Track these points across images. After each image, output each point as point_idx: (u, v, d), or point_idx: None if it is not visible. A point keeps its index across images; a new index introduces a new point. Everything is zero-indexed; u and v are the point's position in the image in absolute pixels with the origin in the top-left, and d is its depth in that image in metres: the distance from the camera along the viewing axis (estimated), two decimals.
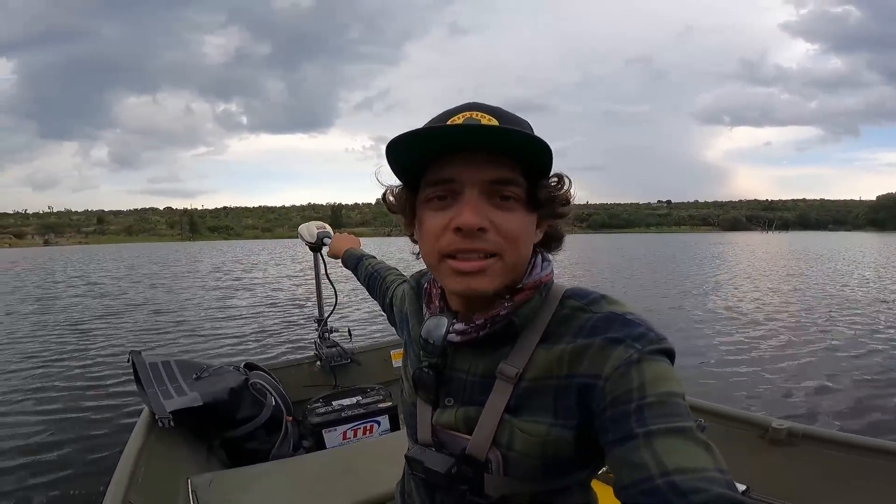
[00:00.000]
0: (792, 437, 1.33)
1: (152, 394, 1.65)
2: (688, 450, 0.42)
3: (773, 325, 6.50)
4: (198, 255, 31.53)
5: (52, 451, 2.80)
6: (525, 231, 0.55)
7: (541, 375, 0.55)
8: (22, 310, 8.61)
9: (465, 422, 0.59)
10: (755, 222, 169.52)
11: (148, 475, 1.29)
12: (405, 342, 0.75)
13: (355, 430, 1.89)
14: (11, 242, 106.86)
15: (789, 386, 4.02)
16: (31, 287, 12.89)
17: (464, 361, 0.61)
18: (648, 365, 0.48)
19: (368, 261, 1.10)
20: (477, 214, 0.51)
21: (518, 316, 0.57)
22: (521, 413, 0.56)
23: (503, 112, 0.56)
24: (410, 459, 0.63)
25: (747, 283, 11.83)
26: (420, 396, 0.65)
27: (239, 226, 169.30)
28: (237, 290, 11.00)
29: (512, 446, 0.55)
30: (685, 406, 0.46)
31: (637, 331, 0.51)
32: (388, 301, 0.93)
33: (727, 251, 29.66)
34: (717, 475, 0.40)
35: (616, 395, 0.48)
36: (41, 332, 6.55)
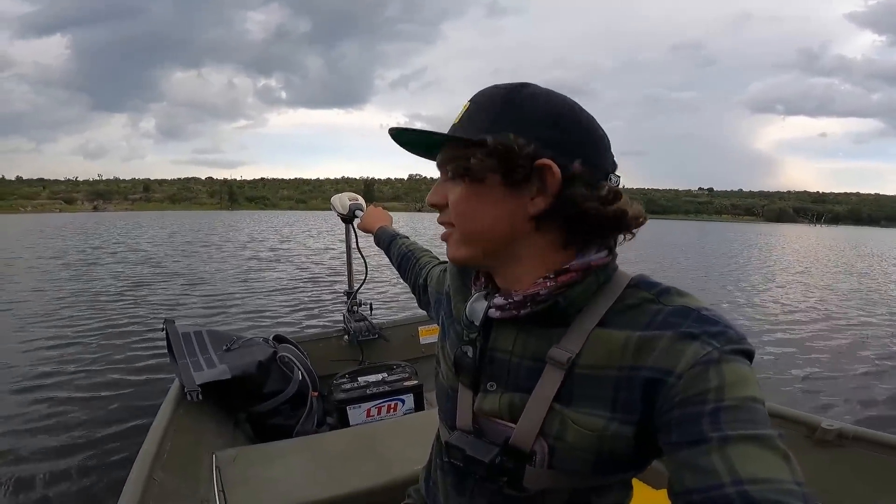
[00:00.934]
0: (842, 439, 1.26)
1: (183, 365, 1.69)
2: (765, 459, 0.40)
3: (828, 324, 6.18)
4: (236, 225, 32.36)
5: (83, 424, 2.83)
6: (466, 201, 0.56)
7: (598, 364, 0.51)
8: (63, 275, 8.83)
9: (509, 409, 0.56)
10: (803, 214, 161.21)
11: (174, 451, 1.32)
12: (443, 323, 0.73)
13: (379, 408, 1.89)
14: (62, 208, 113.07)
15: (846, 387, 3.82)
16: (74, 252, 13.24)
17: (506, 341, 0.57)
18: (728, 366, 0.45)
19: (402, 240, 1.07)
20: (435, 193, 0.60)
21: (565, 298, 0.53)
22: (573, 403, 0.52)
23: (481, 93, 0.58)
24: (450, 446, 0.60)
25: (796, 278, 11.28)
26: (461, 380, 0.62)
27: (275, 196, 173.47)
28: (272, 261, 11.19)
29: (563, 437, 0.52)
30: (765, 413, 0.43)
31: (716, 328, 0.47)
32: (421, 282, 0.91)
33: (772, 243, 28.26)
34: (794, 488, 0.38)
35: (689, 395, 0.45)
36: (79, 298, 6.69)
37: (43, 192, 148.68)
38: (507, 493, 0.57)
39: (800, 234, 48.71)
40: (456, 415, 0.63)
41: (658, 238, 27.92)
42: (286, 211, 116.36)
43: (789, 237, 39.10)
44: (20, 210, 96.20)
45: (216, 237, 19.97)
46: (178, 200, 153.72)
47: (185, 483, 1.25)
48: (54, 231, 24.07)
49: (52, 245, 15.59)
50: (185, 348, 1.79)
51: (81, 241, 17.46)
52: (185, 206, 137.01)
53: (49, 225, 30.79)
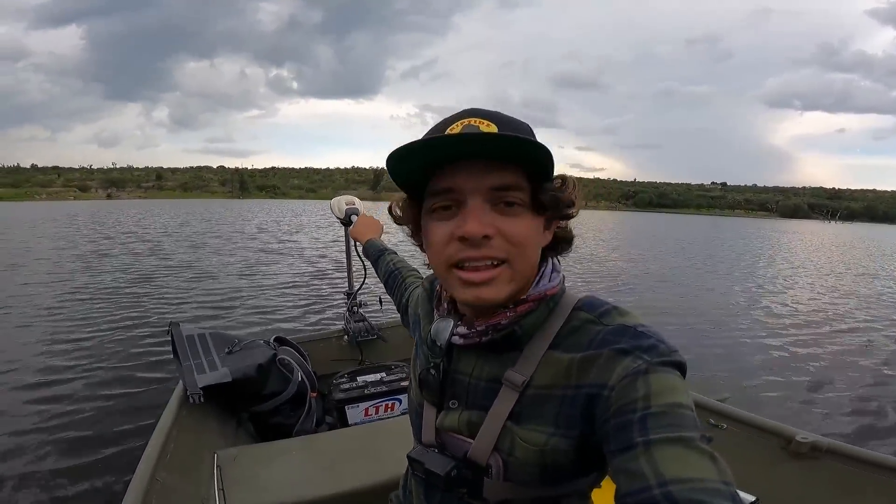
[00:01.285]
0: (815, 451, 1.28)
1: (187, 367, 1.75)
2: (689, 459, 0.41)
3: (832, 328, 6.02)
4: (246, 215, 32.29)
5: (90, 422, 2.86)
6: (532, 235, 0.55)
7: (547, 384, 0.55)
8: (71, 268, 8.82)
9: (468, 426, 0.60)
10: (818, 211, 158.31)
11: (177, 450, 1.36)
12: (416, 344, 0.76)
13: (377, 408, 1.95)
14: (76, 195, 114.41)
15: (838, 400, 3.71)
16: (84, 242, 13.24)
17: (468, 365, 0.62)
18: (656, 376, 0.48)
19: (390, 256, 1.09)
20: (480, 223, 0.52)
21: (521, 326, 0.57)
22: (523, 421, 0.56)
23: (502, 116, 0.56)
24: (412, 459, 0.65)
25: (806, 279, 10.99)
26: (425, 397, 0.66)
27: (285, 185, 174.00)
28: (280, 255, 11.19)
29: (513, 452, 0.56)
30: (692, 417, 0.45)
31: (647, 342, 0.50)
32: (404, 301, 0.94)
33: (785, 240, 27.75)
34: (719, 486, 0.39)
35: (621, 405, 0.47)
36: (87, 293, 6.65)
37: (58, 179, 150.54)
38: (468, 503, 0.61)
39: (813, 230, 47.32)
40: (422, 429, 0.67)
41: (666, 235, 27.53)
42: (296, 200, 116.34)
43: (803, 234, 38.38)
44: (35, 197, 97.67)
45: (227, 227, 20.10)
46: (190, 189, 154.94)
47: (187, 482, 1.29)
48: (67, 220, 24.21)
49: (63, 235, 15.71)
50: (189, 351, 1.85)
51: (93, 231, 17.58)
52: (197, 195, 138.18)
53: (62, 213, 30.99)
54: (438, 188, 0.55)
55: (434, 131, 0.56)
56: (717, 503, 0.38)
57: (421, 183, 0.57)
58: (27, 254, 11.01)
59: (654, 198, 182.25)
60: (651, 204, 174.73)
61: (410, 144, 0.51)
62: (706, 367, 4.17)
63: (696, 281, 9.66)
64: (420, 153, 0.53)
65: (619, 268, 11.07)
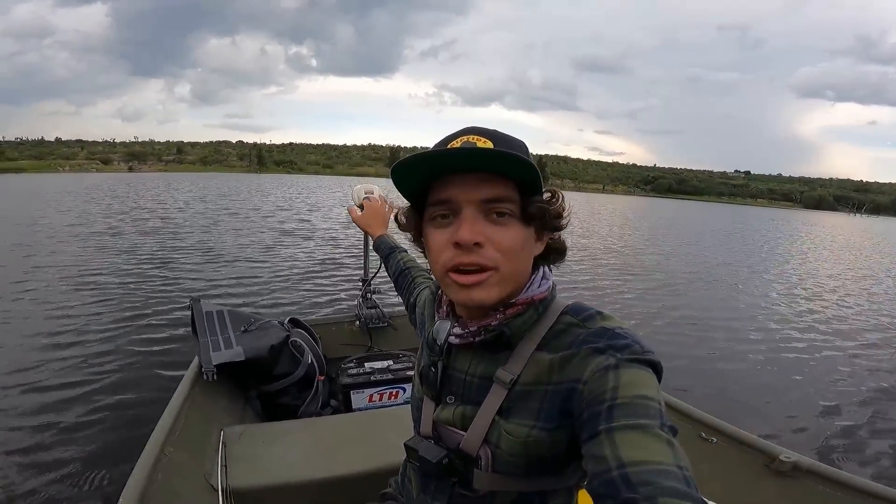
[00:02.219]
0: (795, 471, 1.31)
1: (204, 344, 1.83)
2: (646, 444, 0.44)
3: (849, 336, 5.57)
4: (264, 189, 32.23)
5: (102, 400, 2.89)
6: (520, 244, 0.59)
7: (532, 382, 0.60)
8: (90, 242, 8.79)
9: (461, 419, 0.66)
10: (843, 203, 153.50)
11: (186, 426, 1.41)
12: (422, 342, 0.80)
13: (381, 395, 2.00)
14: (99, 168, 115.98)
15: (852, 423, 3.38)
16: (99, 217, 13.09)
17: (463, 363, 0.67)
18: (625, 370, 0.51)
19: (400, 255, 1.13)
20: (472, 231, 0.57)
21: (510, 328, 0.62)
22: (509, 415, 0.61)
23: (499, 134, 0.61)
24: (408, 447, 0.71)
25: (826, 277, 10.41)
26: (425, 392, 0.72)
27: (302, 161, 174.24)
28: (297, 237, 11.12)
29: (500, 445, 0.61)
30: (656, 409, 0.48)
31: (621, 342, 0.55)
32: (412, 301, 0.98)
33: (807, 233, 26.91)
34: (672, 469, 0.42)
35: (592, 397, 0.51)
36: (104, 268, 6.68)
37: (81, 152, 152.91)
38: (460, 492, 0.67)
39: (834, 224, 45.46)
40: (421, 422, 0.73)
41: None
42: (312, 175, 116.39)
43: (827, 226, 37.03)
44: (59, 169, 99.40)
45: (244, 204, 20.13)
46: (209, 163, 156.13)
47: (193, 457, 1.33)
48: (86, 192, 24.12)
49: (81, 208, 15.66)
50: (208, 327, 1.92)
51: (117, 203, 17.70)
52: (216, 169, 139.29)
53: (83, 185, 31.19)
54: (437, 198, 0.60)
55: (437, 146, 0.61)
56: (669, 484, 0.40)
57: (423, 194, 0.63)
58: (47, 225, 11.14)
59: (674, 184, 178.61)
60: (671, 190, 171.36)
61: (415, 157, 0.57)
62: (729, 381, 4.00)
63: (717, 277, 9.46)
64: (422, 165, 0.58)
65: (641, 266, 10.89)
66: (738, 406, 3.50)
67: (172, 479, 1.19)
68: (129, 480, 1.08)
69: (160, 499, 1.10)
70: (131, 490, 1.05)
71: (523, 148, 0.62)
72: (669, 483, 0.40)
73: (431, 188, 0.61)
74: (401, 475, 0.88)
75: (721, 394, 3.72)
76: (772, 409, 3.54)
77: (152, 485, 1.11)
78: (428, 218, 0.63)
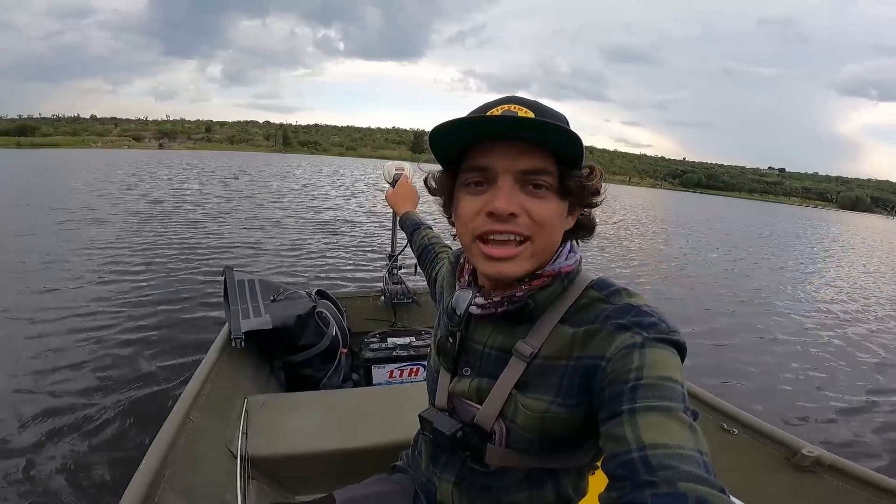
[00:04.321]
0: (817, 466, 1.28)
1: (234, 311, 1.87)
2: (667, 427, 0.43)
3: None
4: (294, 170, 32.20)
5: (132, 365, 2.94)
6: (555, 217, 0.58)
7: (552, 356, 0.59)
8: (118, 219, 8.68)
9: (477, 392, 0.65)
10: (881, 205, 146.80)
11: (212, 393, 1.45)
12: (439, 314, 0.81)
13: (402, 371, 2.02)
14: (130, 144, 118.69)
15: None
16: (127, 194, 12.83)
17: (482, 334, 0.66)
18: (651, 350, 0.50)
19: (425, 231, 1.13)
20: (509, 201, 0.55)
21: (534, 299, 0.61)
22: (527, 390, 0.60)
23: (540, 106, 0.59)
24: (422, 419, 0.70)
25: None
26: (441, 363, 0.71)
27: (326, 142, 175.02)
28: (330, 215, 11.17)
29: (515, 420, 0.60)
30: (680, 391, 0.47)
31: (648, 320, 0.54)
32: (434, 276, 0.98)
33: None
34: (692, 454, 0.41)
35: (615, 376, 0.50)
36: (136, 239, 6.83)
37: (115, 129, 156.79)
38: (471, 466, 0.66)
39: (868, 225, 43.34)
40: (436, 393, 0.72)
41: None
42: (335, 157, 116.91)
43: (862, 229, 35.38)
44: (91, 145, 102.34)
45: (273, 180, 20.32)
46: (237, 142, 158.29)
47: (216, 423, 1.38)
48: (110, 169, 23.94)
49: (118, 181, 16.01)
50: (239, 295, 1.97)
51: (155, 180, 17.89)
52: (242, 148, 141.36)
53: (112, 162, 31.57)
54: (474, 165, 0.59)
55: (476, 112, 0.60)
56: (688, 469, 0.39)
57: (458, 159, 0.62)
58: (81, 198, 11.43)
59: (703, 178, 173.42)
60: (700, 185, 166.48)
61: (455, 121, 0.55)
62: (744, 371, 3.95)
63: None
64: (461, 130, 0.57)
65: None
66: (761, 398, 3.42)
67: (195, 444, 1.22)
68: (153, 443, 1.11)
69: (181, 463, 1.13)
70: (154, 453, 1.08)
71: (564, 121, 0.59)
72: (689, 468, 0.39)
73: (467, 154, 0.60)
74: (412, 448, 0.89)
75: (744, 385, 3.65)
76: (796, 403, 3.45)
77: (174, 449, 1.14)
78: (461, 183, 0.61)
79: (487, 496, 0.66)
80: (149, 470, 1.03)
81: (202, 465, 1.21)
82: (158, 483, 1.03)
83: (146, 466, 1.04)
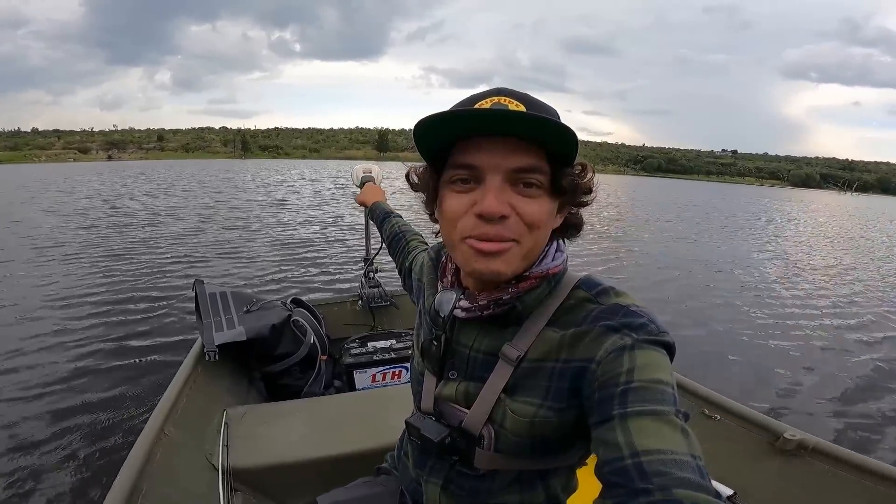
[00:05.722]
0: (800, 449, 1.29)
1: (207, 324, 1.82)
2: (660, 432, 0.43)
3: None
4: (254, 173, 31.40)
5: (103, 382, 2.89)
6: (546, 217, 0.56)
7: (540, 358, 0.57)
8: (75, 238, 8.34)
9: (464, 396, 0.63)
10: (830, 181, 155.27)
11: (188, 406, 1.41)
12: (419, 311, 0.78)
13: (384, 374, 2.00)
14: (76, 157, 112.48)
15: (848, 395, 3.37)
16: (76, 210, 12.68)
17: (468, 337, 0.64)
18: (641, 352, 0.49)
19: (395, 219, 1.12)
20: (499, 202, 0.52)
21: (521, 302, 0.59)
22: (516, 394, 0.59)
23: (531, 98, 0.56)
24: (409, 425, 0.68)
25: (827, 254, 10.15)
26: (427, 367, 0.69)
27: (288, 146, 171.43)
28: (297, 218, 11.04)
29: (504, 424, 0.59)
30: (671, 394, 0.46)
31: (637, 321, 0.52)
32: (407, 265, 0.95)
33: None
34: (687, 459, 0.40)
35: (605, 379, 0.49)
36: (106, 253, 6.66)
37: (58, 142, 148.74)
38: (459, 470, 0.65)
39: (828, 203, 44.38)
40: (422, 397, 0.70)
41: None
42: (299, 160, 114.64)
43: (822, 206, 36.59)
44: (34, 160, 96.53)
45: (235, 187, 19.84)
46: (192, 149, 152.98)
47: (194, 437, 1.33)
48: (48, 183, 22.85)
49: (59, 199, 15.28)
50: (211, 308, 1.92)
51: (107, 189, 17.37)
52: (199, 155, 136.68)
53: (59, 175, 30.24)
54: (460, 162, 0.55)
55: (463, 104, 0.56)
56: (683, 475, 0.39)
57: (442, 154, 0.58)
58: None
59: (663, 163, 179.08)
60: (660, 169, 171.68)
61: (440, 114, 0.51)
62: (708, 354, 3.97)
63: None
64: (447, 125, 0.53)
65: None
66: (739, 382, 3.46)
67: (172, 459, 1.18)
68: (127, 459, 1.07)
69: (159, 477, 1.09)
70: (129, 469, 1.04)
71: (556, 114, 0.56)
72: (684, 474, 0.39)
73: (453, 149, 0.56)
74: (397, 449, 0.87)
75: (721, 370, 3.68)
76: (774, 385, 3.49)
77: (150, 464, 1.10)
78: (446, 180, 0.57)
79: (476, 499, 0.65)
80: (124, 486, 0.99)
81: (181, 479, 1.17)
82: (136, 499, 0.99)
83: (122, 482, 0.99)
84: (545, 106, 0.56)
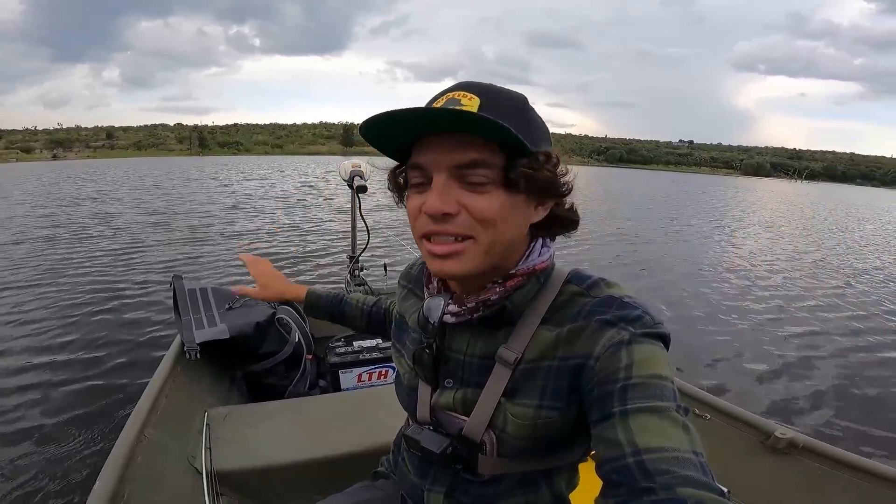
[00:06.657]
0: (791, 447, 1.29)
1: (186, 322, 1.74)
2: (662, 429, 0.42)
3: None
4: (217, 176, 30.24)
5: (81, 382, 2.82)
6: (501, 212, 0.52)
7: (537, 358, 0.56)
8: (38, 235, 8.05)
9: (463, 404, 0.61)
10: (780, 170, 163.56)
11: (168, 407, 1.34)
12: (399, 328, 0.77)
13: (370, 374, 1.95)
14: (19, 157, 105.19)
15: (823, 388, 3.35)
16: (40, 205, 12.40)
17: (461, 342, 0.62)
18: (639, 347, 0.49)
19: (354, 297, 0.99)
20: (441, 200, 0.51)
21: (511, 301, 0.58)
22: (516, 397, 0.57)
23: (489, 89, 0.53)
24: (407, 438, 0.66)
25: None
26: (420, 377, 0.67)
27: (249, 142, 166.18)
28: (281, 213, 10.81)
29: (505, 429, 0.57)
30: (671, 389, 0.46)
31: (632, 314, 0.51)
32: (389, 322, 0.91)
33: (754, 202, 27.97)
34: (689, 456, 0.40)
35: (604, 375, 0.49)
36: (77, 251, 6.44)
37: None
38: (463, 477, 0.63)
39: (782, 191, 45.63)
40: (417, 409, 0.68)
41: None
42: (261, 156, 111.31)
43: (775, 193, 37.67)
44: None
45: (205, 194, 19.12)
46: (145, 147, 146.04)
47: (175, 439, 1.29)
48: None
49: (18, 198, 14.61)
50: (190, 305, 1.84)
51: (71, 189, 16.44)
52: (152, 153, 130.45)
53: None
54: (412, 162, 0.55)
55: (428, 104, 0.54)
56: (685, 472, 0.39)
57: (406, 154, 0.57)
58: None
59: (625, 154, 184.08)
60: (621, 160, 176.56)
61: (376, 117, 0.50)
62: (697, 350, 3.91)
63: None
64: (388, 127, 0.52)
65: None
66: (721, 380, 3.39)
67: (154, 462, 1.14)
68: (106, 463, 1.02)
69: (140, 481, 1.05)
70: (109, 473, 0.99)
71: (517, 103, 0.54)
72: (687, 472, 0.39)
73: (412, 149, 0.55)
74: (392, 454, 0.85)
75: (706, 368, 3.62)
76: (756, 378, 3.44)
77: (131, 467, 1.05)
78: (409, 181, 0.57)
79: None
80: (105, 491, 0.94)
81: (164, 482, 1.13)
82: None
83: (102, 487, 0.95)
84: (505, 94, 0.54)
